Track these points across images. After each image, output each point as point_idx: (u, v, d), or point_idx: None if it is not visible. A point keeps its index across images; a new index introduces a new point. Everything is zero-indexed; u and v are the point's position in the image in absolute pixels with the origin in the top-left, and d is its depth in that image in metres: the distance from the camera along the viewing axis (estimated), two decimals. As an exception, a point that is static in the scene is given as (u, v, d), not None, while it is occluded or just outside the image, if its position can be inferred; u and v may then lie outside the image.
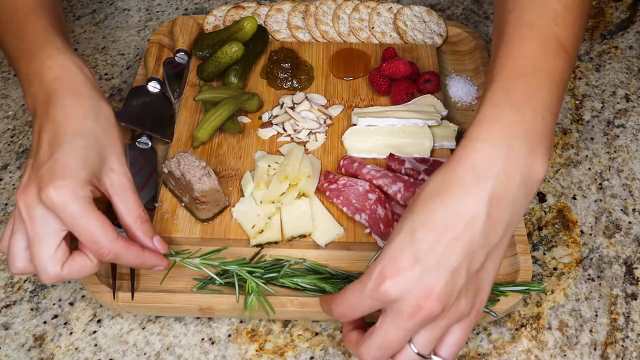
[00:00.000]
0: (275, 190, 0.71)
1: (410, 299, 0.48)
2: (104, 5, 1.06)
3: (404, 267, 0.49)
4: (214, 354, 0.65)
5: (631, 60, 0.95)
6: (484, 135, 0.51)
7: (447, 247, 0.48)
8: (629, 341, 0.66)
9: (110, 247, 0.55)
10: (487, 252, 0.50)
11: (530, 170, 0.50)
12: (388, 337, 0.51)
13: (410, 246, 0.49)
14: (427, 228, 0.49)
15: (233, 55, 0.83)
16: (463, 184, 0.49)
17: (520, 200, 0.51)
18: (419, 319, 0.49)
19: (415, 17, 0.95)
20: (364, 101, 0.85)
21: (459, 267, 0.49)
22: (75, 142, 0.56)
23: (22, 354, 0.65)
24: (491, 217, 0.49)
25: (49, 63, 0.59)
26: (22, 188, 0.54)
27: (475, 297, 0.52)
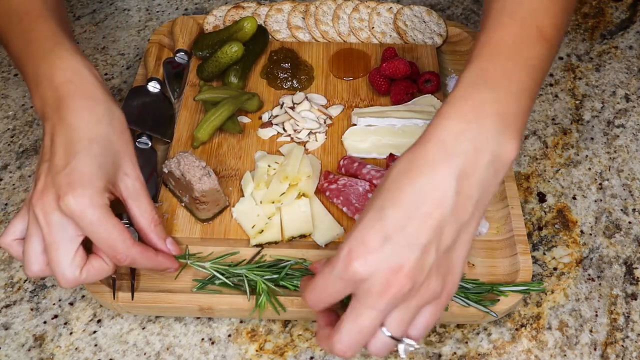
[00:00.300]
0: (275, 190, 0.71)
1: (379, 276, 0.48)
2: (104, 5, 1.06)
3: (372, 246, 0.48)
4: (214, 354, 0.65)
5: (631, 60, 0.95)
6: (454, 112, 0.50)
7: (417, 224, 0.48)
8: (629, 341, 0.66)
9: (128, 253, 0.57)
10: (457, 229, 0.50)
11: (501, 149, 0.50)
12: (359, 320, 0.49)
13: (379, 224, 0.48)
14: (395, 206, 0.49)
15: (233, 55, 0.83)
16: (431, 160, 0.49)
17: (490, 178, 0.50)
18: (388, 296, 0.48)
19: (415, 17, 0.95)
20: (364, 101, 0.85)
21: (428, 243, 0.48)
22: (91, 149, 0.56)
23: (22, 354, 0.66)
24: (460, 193, 0.49)
25: (59, 65, 0.59)
26: (38, 194, 0.55)
27: (446, 278, 0.51)
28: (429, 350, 0.65)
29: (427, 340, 0.66)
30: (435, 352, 0.65)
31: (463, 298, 0.64)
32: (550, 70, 0.93)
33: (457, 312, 0.64)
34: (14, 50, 0.63)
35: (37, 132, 0.86)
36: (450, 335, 0.67)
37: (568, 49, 0.97)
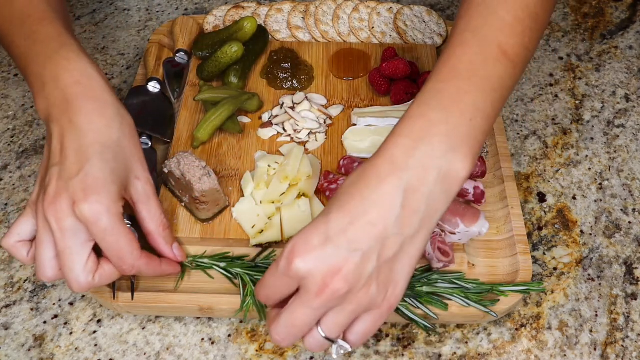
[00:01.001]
0: (275, 190, 0.71)
1: (317, 275, 0.49)
2: (104, 5, 1.06)
3: (314, 245, 0.50)
4: (214, 354, 0.65)
5: (631, 60, 0.95)
6: (406, 130, 0.52)
7: (360, 230, 0.50)
8: (629, 341, 0.66)
9: (134, 264, 0.57)
10: (402, 241, 0.51)
11: (449, 166, 0.51)
12: (295, 316, 0.51)
13: (323, 226, 0.50)
14: (341, 211, 0.51)
15: (233, 55, 0.83)
16: (380, 173, 0.51)
17: (438, 195, 0.52)
18: (324, 297, 0.49)
19: (415, 17, 0.95)
20: (364, 101, 0.85)
21: (369, 251, 0.50)
22: (104, 154, 0.56)
23: (22, 354, 0.66)
24: (406, 207, 0.50)
25: (66, 66, 0.59)
26: (51, 199, 0.54)
27: (388, 289, 0.52)
28: (429, 350, 0.65)
29: (426, 340, 0.66)
30: (435, 352, 0.65)
31: (463, 298, 0.64)
32: (550, 70, 0.93)
33: (457, 312, 0.64)
34: (17, 52, 0.63)
35: (37, 132, 0.86)
36: (450, 335, 0.67)
37: (568, 49, 0.97)
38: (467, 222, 0.67)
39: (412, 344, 0.66)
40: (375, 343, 0.66)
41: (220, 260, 0.68)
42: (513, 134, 0.86)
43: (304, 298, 0.50)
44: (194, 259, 0.68)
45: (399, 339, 0.66)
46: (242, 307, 0.64)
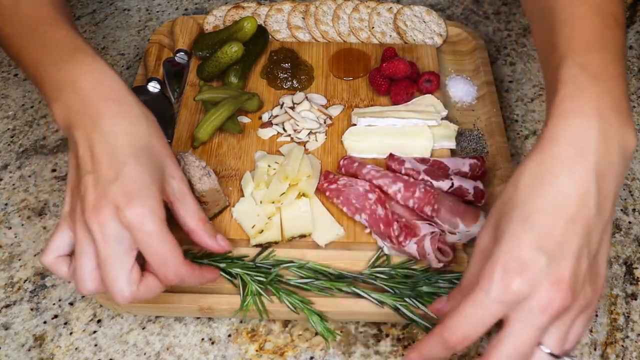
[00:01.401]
0: (275, 190, 0.71)
1: (541, 292, 0.45)
2: (104, 5, 1.06)
3: (528, 259, 0.45)
4: (214, 354, 0.65)
5: (631, 60, 0.95)
6: (573, 110, 0.48)
7: (566, 229, 0.46)
8: (629, 341, 0.66)
9: (177, 271, 0.54)
10: (602, 230, 0.48)
11: (625, 140, 0.49)
12: (520, 341, 0.46)
13: (528, 235, 0.46)
14: (539, 213, 0.46)
15: (233, 55, 0.83)
16: (565, 162, 0.47)
17: (621, 172, 0.49)
18: (552, 312, 0.45)
19: (415, 17, 0.95)
20: (364, 101, 0.85)
21: (580, 249, 0.46)
22: (139, 156, 0.54)
23: (22, 354, 0.66)
24: (601, 192, 0.47)
25: (83, 69, 0.57)
26: (92, 207, 0.52)
27: (596, 282, 0.49)
28: (429, 350, 0.65)
29: (427, 340, 0.66)
30: (435, 352, 0.65)
31: (463, 298, 0.64)
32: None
33: (457, 312, 0.64)
34: (28, 59, 0.61)
35: (37, 132, 0.86)
36: (450, 335, 0.67)
37: (568, 49, 0.96)
38: (467, 222, 0.67)
39: (412, 344, 0.66)
40: (375, 343, 0.66)
41: (220, 261, 0.68)
42: (513, 134, 0.86)
43: (528, 319, 0.45)
44: (192, 260, 0.68)
45: (399, 339, 0.66)
46: (242, 307, 0.64)
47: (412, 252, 0.67)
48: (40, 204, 0.78)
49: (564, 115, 0.48)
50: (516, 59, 0.96)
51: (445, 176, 0.72)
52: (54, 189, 0.80)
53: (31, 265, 0.72)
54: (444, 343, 0.48)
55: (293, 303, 0.64)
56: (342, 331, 0.67)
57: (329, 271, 0.67)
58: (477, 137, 0.81)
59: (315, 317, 0.63)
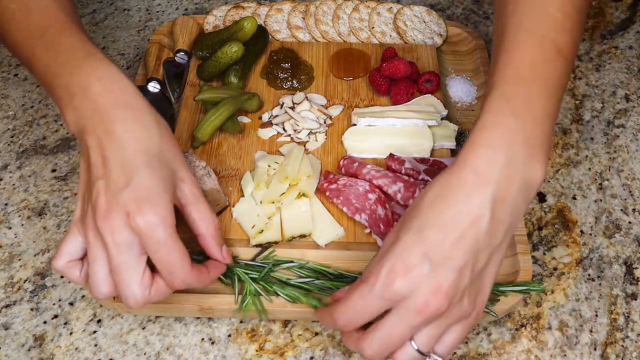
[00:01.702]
0: (275, 190, 0.71)
1: (419, 295, 0.49)
2: (104, 5, 1.06)
3: (413, 264, 0.50)
4: (214, 354, 0.65)
5: (631, 60, 0.95)
6: (485, 141, 0.52)
7: (454, 245, 0.50)
8: (629, 341, 0.66)
9: (184, 278, 0.55)
10: (490, 252, 0.52)
11: (530, 174, 0.52)
12: (392, 333, 0.51)
13: (419, 244, 0.50)
14: (434, 228, 0.51)
15: (233, 55, 0.83)
16: (466, 186, 0.51)
17: (520, 203, 0.53)
18: (426, 315, 0.50)
19: (415, 17, 0.95)
20: (364, 101, 0.85)
21: (464, 265, 0.50)
22: (151, 162, 0.55)
23: (22, 354, 0.66)
24: (494, 218, 0.51)
25: (95, 74, 0.57)
26: (103, 214, 0.52)
27: (476, 298, 0.53)
28: (429, 350, 0.65)
29: (427, 340, 0.66)
30: (435, 352, 0.65)
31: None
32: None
33: (457, 312, 0.64)
34: (38, 64, 0.61)
35: (37, 132, 0.86)
36: (450, 335, 0.67)
37: (568, 49, 0.97)
38: (467, 222, 0.67)
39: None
40: (375, 343, 0.66)
41: None
42: (513, 134, 0.85)
43: (404, 316, 0.50)
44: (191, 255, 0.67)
45: (399, 339, 0.66)
46: (240, 308, 0.64)
47: (412, 252, 0.67)
48: (40, 204, 0.78)
49: (476, 145, 0.53)
50: (516, 59, 0.96)
51: (445, 176, 0.72)
52: (54, 189, 0.80)
53: (31, 265, 0.72)
54: (333, 322, 0.54)
55: (290, 295, 0.64)
56: (342, 331, 0.67)
57: (329, 271, 0.67)
58: (477, 137, 0.81)
59: (315, 302, 0.63)
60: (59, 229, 0.75)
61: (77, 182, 0.78)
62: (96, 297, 0.56)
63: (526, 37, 0.56)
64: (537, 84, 0.55)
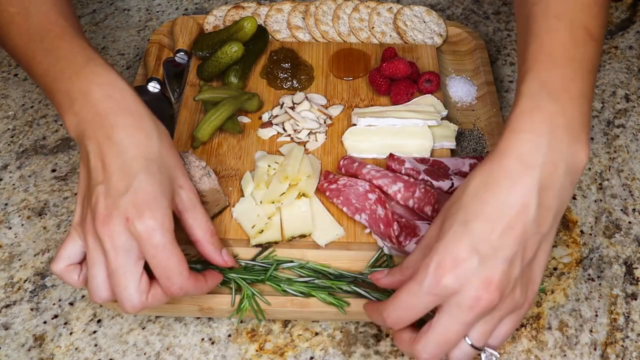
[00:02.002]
0: (275, 190, 0.71)
1: (470, 289, 0.49)
2: (104, 5, 1.06)
3: (462, 258, 0.49)
4: (214, 354, 0.65)
5: (631, 60, 0.95)
6: (526, 126, 0.51)
7: (502, 236, 0.49)
8: (629, 341, 0.66)
9: (182, 285, 0.55)
10: (539, 240, 0.51)
11: (574, 158, 0.52)
12: (447, 332, 0.50)
13: (466, 237, 0.49)
14: (480, 219, 0.50)
15: (233, 55, 0.83)
16: (511, 174, 0.50)
17: (566, 187, 0.52)
18: (478, 309, 0.49)
19: (415, 17, 0.95)
20: (364, 101, 0.85)
21: (514, 256, 0.49)
22: (150, 168, 0.55)
23: (22, 354, 0.66)
24: (541, 205, 0.50)
25: (96, 80, 0.57)
26: (103, 218, 0.53)
27: (528, 288, 0.52)
28: (429, 350, 0.65)
29: (427, 340, 0.66)
30: (435, 352, 0.65)
31: (463, 298, 0.64)
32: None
33: (457, 312, 0.64)
34: (38, 69, 0.61)
35: (37, 132, 0.86)
36: (450, 335, 0.67)
37: (568, 49, 0.97)
38: (467, 222, 0.67)
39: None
40: (375, 343, 0.66)
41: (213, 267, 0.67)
42: (513, 134, 0.85)
43: (456, 313, 0.49)
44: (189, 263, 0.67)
45: (399, 339, 0.66)
46: (237, 310, 0.64)
47: (412, 252, 0.67)
48: (40, 204, 0.78)
49: (517, 130, 0.52)
50: (516, 59, 0.96)
51: (446, 176, 0.72)
52: (54, 189, 0.80)
53: (31, 265, 0.72)
54: (382, 320, 0.54)
55: (298, 290, 0.64)
56: (342, 331, 0.67)
57: (329, 271, 0.67)
58: (477, 137, 0.81)
59: (324, 294, 0.63)
60: (59, 229, 0.75)
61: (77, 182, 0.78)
62: (95, 301, 0.56)
63: (555, 22, 0.56)
64: (571, 67, 0.54)
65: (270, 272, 0.66)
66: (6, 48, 0.65)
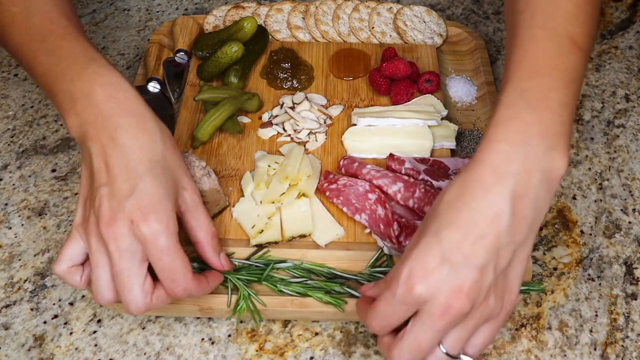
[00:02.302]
0: (275, 190, 0.71)
1: (440, 298, 0.49)
2: (104, 5, 1.06)
3: (432, 267, 0.49)
4: (214, 354, 0.65)
5: (631, 60, 0.95)
6: (501, 135, 0.51)
7: (474, 244, 0.49)
8: (629, 341, 0.66)
9: (186, 286, 0.56)
10: (514, 249, 0.51)
11: (550, 166, 0.51)
12: (419, 340, 0.51)
13: (437, 246, 0.50)
14: (452, 228, 0.50)
15: (233, 55, 0.83)
16: (484, 183, 0.50)
17: (542, 196, 0.51)
18: (449, 317, 0.49)
19: (415, 17, 0.95)
20: (364, 101, 0.85)
21: (486, 264, 0.49)
22: (154, 170, 0.55)
23: (22, 354, 0.66)
24: (515, 214, 0.50)
25: (98, 81, 0.57)
26: (107, 221, 0.53)
27: (504, 297, 0.52)
28: (429, 350, 0.65)
29: (427, 340, 0.66)
30: (435, 352, 0.65)
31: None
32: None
33: (457, 312, 0.64)
34: (40, 69, 0.60)
35: (37, 132, 0.86)
36: (450, 335, 0.67)
37: (568, 49, 0.97)
38: (467, 222, 0.67)
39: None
40: (375, 343, 0.66)
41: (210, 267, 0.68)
42: (513, 134, 0.85)
43: (427, 321, 0.50)
44: None
45: (399, 339, 0.66)
46: (234, 312, 0.64)
47: (412, 252, 0.67)
48: (40, 204, 0.78)
49: (492, 140, 0.52)
50: (516, 59, 0.96)
51: (445, 176, 0.72)
52: (54, 189, 0.80)
53: (31, 265, 0.72)
54: (367, 325, 0.55)
55: (295, 290, 0.64)
56: (342, 331, 0.67)
57: (324, 271, 0.67)
58: (477, 137, 0.81)
59: (320, 293, 0.63)
60: (59, 229, 0.75)
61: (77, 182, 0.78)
62: (100, 303, 0.56)
63: (539, 31, 0.56)
64: (552, 76, 0.54)
65: (266, 273, 0.66)
66: (7, 48, 0.65)
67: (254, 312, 0.64)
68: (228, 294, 0.65)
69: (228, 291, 0.65)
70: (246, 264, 0.68)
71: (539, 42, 0.55)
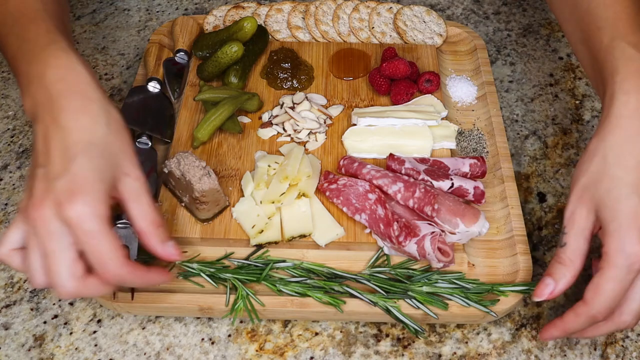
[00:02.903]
0: (275, 190, 0.71)
1: None
2: (104, 5, 1.06)
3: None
4: (214, 354, 0.65)
5: (631, 60, 0.95)
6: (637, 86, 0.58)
7: None
8: (629, 341, 0.66)
9: (116, 272, 0.53)
10: None
11: None
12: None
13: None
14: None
15: (233, 55, 0.83)
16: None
17: None
18: None
19: (415, 17, 0.95)
20: (364, 101, 0.85)
21: None
22: (90, 152, 0.54)
23: (22, 354, 0.66)
24: None
25: (52, 63, 0.57)
26: (37, 203, 0.52)
27: None
28: (429, 350, 0.65)
29: (427, 340, 0.66)
30: (435, 352, 0.65)
31: (463, 298, 0.64)
32: (550, 70, 0.93)
33: (457, 312, 0.64)
34: (9, 51, 0.62)
35: (37, 132, 0.86)
36: (450, 335, 0.67)
37: (568, 49, 0.97)
38: (467, 222, 0.67)
39: (412, 344, 0.66)
40: (375, 343, 0.66)
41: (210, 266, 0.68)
42: (513, 134, 0.86)
43: None
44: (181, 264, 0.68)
45: (399, 339, 0.66)
46: (231, 311, 0.64)
47: (412, 252, 0.67)
48: (40, 204, 0.78)
49: (631, 93, 0.58)
50: (516, 59, 0.96)
51: (445, 176, 0.72)
52: (54, 189, 0.79)
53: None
54: (592, 317, 0.57)
55: (294, 290, 0.64)
56: (342, 331, 0.67)
57: (323, 271, 0.67)
58: (477, 137, 0.82)
59: (320, 293, 0.63)
60: (59, 229, 0.75)
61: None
62: (34, 287, 0.55)
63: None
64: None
65: (266, 272, 0.66)
66: None
67: (251, 312, 0.64)
68: (226, 293, 0.65)
69: (227, 290, 0.65)
70: (245, 264, 0.68)
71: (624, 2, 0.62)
